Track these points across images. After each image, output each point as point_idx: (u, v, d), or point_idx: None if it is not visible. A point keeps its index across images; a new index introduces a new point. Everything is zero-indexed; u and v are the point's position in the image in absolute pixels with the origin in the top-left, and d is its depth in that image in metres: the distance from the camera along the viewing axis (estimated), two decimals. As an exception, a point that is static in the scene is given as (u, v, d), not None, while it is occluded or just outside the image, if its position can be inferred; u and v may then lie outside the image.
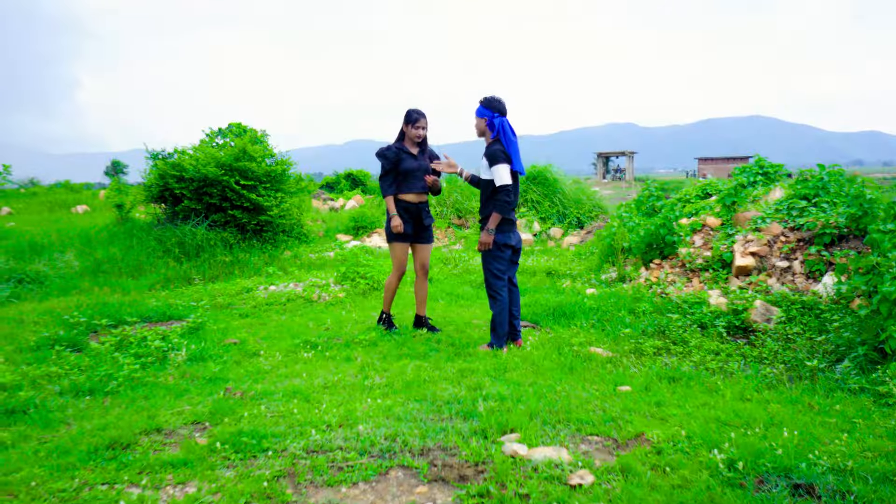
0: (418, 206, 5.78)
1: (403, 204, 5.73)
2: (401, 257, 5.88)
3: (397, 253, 5.85)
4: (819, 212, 7.50)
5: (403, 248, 5.86)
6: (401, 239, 5.78)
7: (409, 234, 5.77)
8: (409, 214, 5.75)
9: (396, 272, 5.92)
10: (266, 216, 12.56)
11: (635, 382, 4.51)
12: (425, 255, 5.97)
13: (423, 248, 5.95)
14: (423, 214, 5.81)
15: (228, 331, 6.29)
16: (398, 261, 5.88)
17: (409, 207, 5.74)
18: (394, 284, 5.98)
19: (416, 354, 5.23)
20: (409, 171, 5.67)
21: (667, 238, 8.07)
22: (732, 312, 6.33)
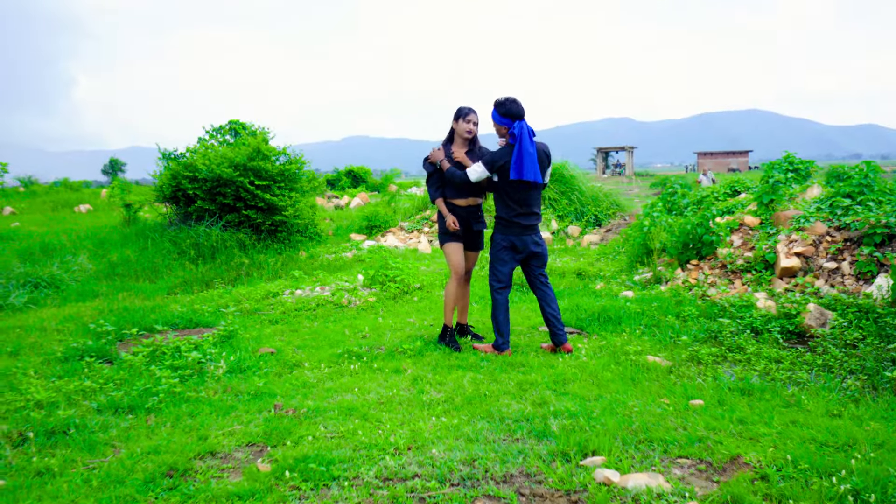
0: (467, 210, 5.48)
1: (450, 208, 5.46)
2: (456, 259, 5.49)
3: (452, 254, 5.49)
4: (865, 210, 7.26)
5: (458, 249, 5.49)
6: (451, 239, 5.46)
7: (459, 235, 5.48)
8: (459, 220, 5.45)
9: (455, 276, 5.50)
10: (281, 216, 12.33)
11: (706, 396, 4.27)
12: (471, 262, 5.71)
13: (471, 254, 5.68)
14: (472, 220, 5.52)
15: (262, 339, 6.04)
16: (455, 264, 5.50)
17: (457, 212, 5.45)
18: (454, 291, 5.51)
19: (467, 365, 4.99)
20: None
21: (704, 238, 7.83)
22: (785, 316, 6.10)
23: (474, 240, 5.62)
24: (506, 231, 5.28)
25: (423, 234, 13.97)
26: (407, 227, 14.28)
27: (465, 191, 5.40)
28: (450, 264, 5.53)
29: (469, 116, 5.34)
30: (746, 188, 10.75)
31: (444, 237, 5.49)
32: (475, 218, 5.56)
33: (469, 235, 5.58)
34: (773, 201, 8.20)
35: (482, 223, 5.62)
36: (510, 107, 5.09)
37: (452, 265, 5.50)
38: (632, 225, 11.06)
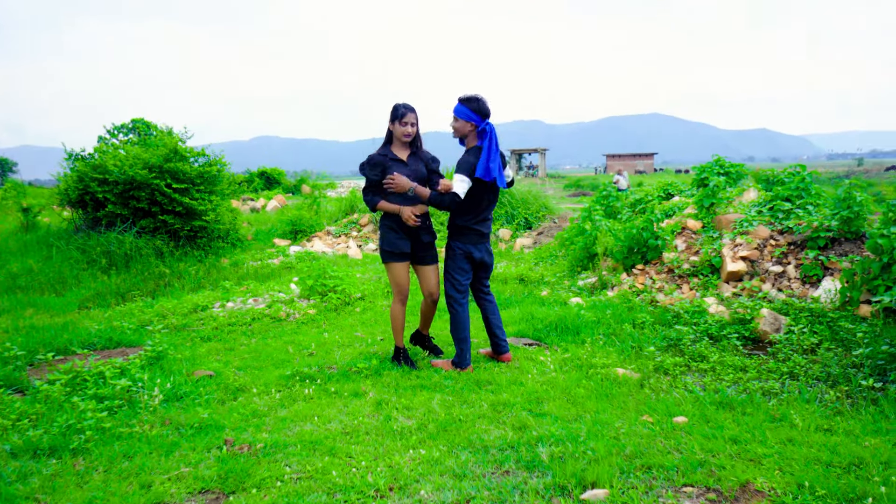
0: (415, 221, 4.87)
1: (395, 218, 4.86)
2: (401, 280, 4.96)
3: (396, 275, 4.94)
4: (806, 214, 7.38)
5: (403, 269, 4.95)
6: (397, 258, 4.89)
7: (405, 253, 4.93)
8: (404, 231, 4.89)
9: (398, 298, 5.00)
10: (200, 221, 11.57)
11: (687, 411, 4.09)
12: (432, 281, 5.08)
13: (427, 270, 5.05)
14: (421, 231, 4.96)
15: (196, 360, 5.47)
16: (398, 285, 4.96)
17: (404, 224, 4.86)
18: (399, 314, 5.05)
19: (431, 385, 4.63)
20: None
21: (650, 242, 7.77)
22: (739, 322, 6.06)
23: (426, 253, 5.04)
24: (465, 240, 4.95)
25: (351, 238, 13.47)
26: (334, 232, 13.74)
27: (411, 198, 4.86)
28: (393, 285, 5.01)
29: (407, 118, 4.80)
30: (680, 191, 10.88)
31: (386, 254, 4.94)
32: (425, 228, 5.02)
33: (419, 249, 5.01)
34: (714, 205, 8.26)
35: (433, 233, 5.11)
36: (482, 104, 4.77)
37: (396, 286, 4.98)
38: (567, 229, 10.99)
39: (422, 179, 4.91)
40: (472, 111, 4.76)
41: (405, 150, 4.93)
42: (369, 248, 12.82)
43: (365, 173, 4.89)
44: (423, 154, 5.04)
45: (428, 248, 5.06)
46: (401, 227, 4.87)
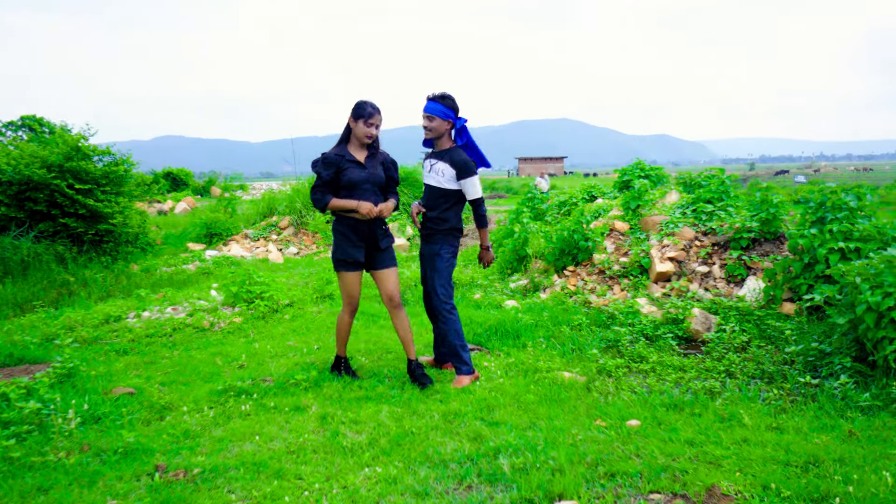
0: (371, 225, 4.55)
1: (349, 223, 4.52)
2: (352, 290, 4.63)
3: (347, 284, 4.61)
4: (728, 216, 7.61)
5: (354, 279, 4.61)
6: (349, 267, 4.56)
7: (359, 262, 4.56)
8: (359, 236, 4.53)
9: (347, 307, 4.71)
10: (107, 224, 10.85)
11: (639, 414, 4.07)
12: (390, 284, 4.66)
13: (385, 273, 4.65)
14: (378, 235, 4.58)
15: (113, 376, 5.02)
16: (348, 294, 4.65)
17: (359, 227, 4.52)
18: (345, 323, 4.76)
19: (376, 395, 4.41)
20: (354, 184, 4.47)
21: (581, 244, 7.82)
22: (672, 322, 6.16)
23: (382, 256, 4.66)
24: (455, 241, 4.85)
25: (271, 241, 12.98)
26: (252, 235, 13.20)
27: (366, 196, 4.51)
28: (343, 294, 4.69)
29: (373, 119, 4.47)
30: (602, 193, 11.07)
31: (338, 263, 4.58)
32: (381, 233, 4.63)
33: (374, 254, 4.64)
34: (640, 206, 8.40)
35: (389, 237, 4.74)
36: (455, 101, 4.64)
37: (346, 296, 4.67)
38: (494, 231, 10.97)
39: (378, 184, 4.59)
40: (449, 108, 4.61)
41: (362, 151, 4.58)
42: (290, 252, 12.38)
43: (317, 170, 4.54)
44: (381, 156, 4.69)
45: (385, 253, 4.68)
46: (356, 232, 4.51)
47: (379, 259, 4.65)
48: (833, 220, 6.20)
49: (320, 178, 4.52)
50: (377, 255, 4.64)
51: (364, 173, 4.48)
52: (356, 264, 4.56)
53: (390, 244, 4.72)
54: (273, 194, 14.68)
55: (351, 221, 4.50)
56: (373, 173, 4.53)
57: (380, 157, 4.66)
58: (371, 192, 4.52)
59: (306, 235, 13.19)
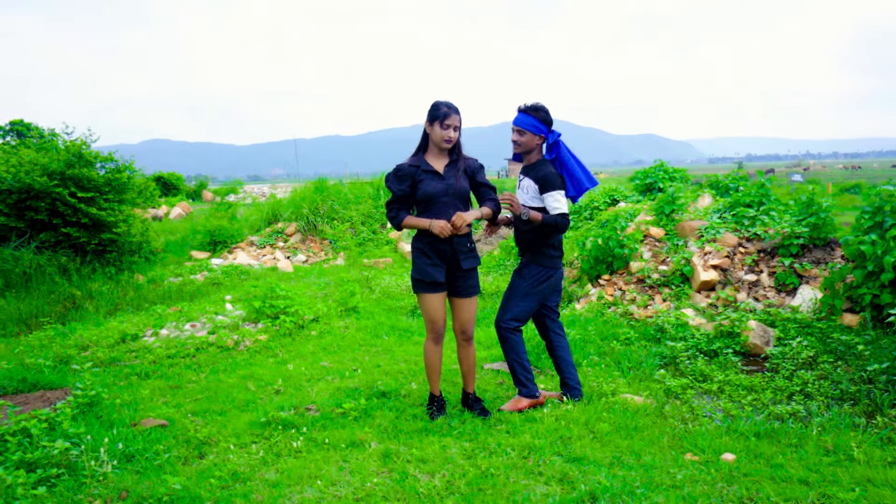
0: (453, 242, 3.99)
1: (427, 239, 4.00)
2: (434, 314, 4.05)
3: (428, 308, 4.05)
4: (771, 220, 7.27)
5: (436, 301, 4.03)
6: (429, 288, 4.01)
7: (439, 283, 4.02)
8: (439, 255, 3.99)
9: (431, 334, 4.12)
10: (110, 234, 10.38)
11: (730, 446, 3.72)
12: (467, 315, 4.15)
13: (464, 303, 4.12)
14: (459, 254, 4.02)
15: (139, 405, 4.61)
16: (431, 320, 4.07)
17: (438, 245, 3.99)
18: (433, 353, 4.15)
19: (435, 427, 4.01)
20: (430, 197, 3.95)
21: (616, 251, 7.45)
22: (727, 335, 5.81)
23: (465, 282, 4.10)
24: (549, 263, 4.32)
25: (278, 249, 12.54)
26: (258, 243, 12.76)
27: (446, 216, 3.94)
28: (425, 319, 4.12)
29: (450, 119, 3.94)
30: (624, 196, 10.72)
31: (416, 283, 4.06)
32: (465, 250, 4.04)
33: (456, 276, 4.08)
34: (674, 211, 8.05)
35: (474, 257, 4.12)
36: (549, 113, 4.21)
37: (428, 321, 4.09)
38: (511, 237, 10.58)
39: (461, 195, 4.03)
40: (541, 122, 4.18)
41: (442, 159, 4.07)
42: (298, 260, 11.95)
43: (390, 186, 4.08)
44: (465, 163, 4.11)
45: (467, 275, 4.10)
46: (434, 251, 4.00)
47: (459, 284, 4.10)
48: (894, 225, 5.86)
49: (394, 194, 4.06)
50: (458, 278, 4.09)
51: (442, 184, 3.97)
52: (436, 285, 4.02)
53: (474, 266, 4.12)
54: (277, 199, 14.23)
55: (429, 238, 4.01)
56: (452, 184, 3.98)
57: (462, 163, 4.09)
58: (451, 206, 3.97)
59: (314, 242, 12.77)
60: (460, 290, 4.10)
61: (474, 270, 4.12)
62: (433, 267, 4.01)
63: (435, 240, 3.98)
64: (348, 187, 14.17)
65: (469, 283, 4.10)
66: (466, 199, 4.06)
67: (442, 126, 3.95)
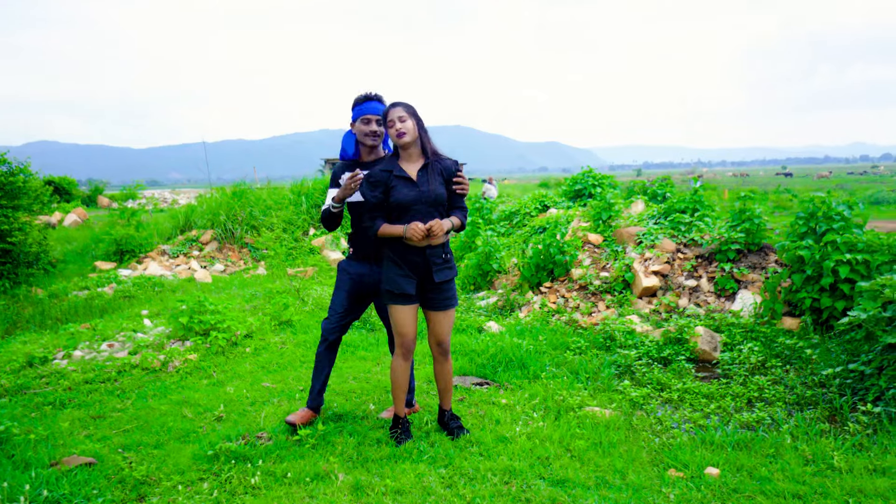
0: (425, 253, 3.69)
1: (397, 249, 3.70)
2: (403, 327, 3.75)
3: (397, 320, 3.75)
4: (707, 227, 7.39)
5: (406, 314, 3.74)
6: (401, 300, 3.71)
7: (411, 295, 3.72)
8: (410, 266, 3.70)
9: (400, 350, 3.81)
10: (4, 243, 9.41)
11: (709, 459, 3.62)
12: (441, 328, 3.86)
13: (438, 316, 3.83)
14: (432, 265, 3.72)
15: (58, 440, 4.05)
16: (400, 333, 3.78)
17: (408, 254, 3.69)
18: (401, 371, 3.84)
19: (405, 453, 3.70)
20: (402, 206, 3.64)
21: (557, 258, 7.37)
22: (676, 342, 5.80)
23: (439, 295, 3.79)
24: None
25: (193, 258, 11.79)
26: (171, 252, 11.96)
27: (418, 220, 3.64)
28: (395, 333, 3.81)
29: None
30: (554, 203, 10.71)
31: (386, 294, 3.76)
32: (438, 262, 3.72)
33: (429, 288, 3.78)
34: (611, 217, 8.07)
35: (449, 268, 3.79)
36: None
37: (397, 334, 3.80)
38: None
39: (436, 202, 3.68)
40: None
41: (416, 163, 3.73)
42: (216, 270, 11.27)
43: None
44: (441, 164, 3.77)
45: (442, 287, 3.79)
46: (405, 262, 3.70)
47: (433, 297, 3.79)
48: (829, 230, 6.04)
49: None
50: (431, 290, 3.78)
51: (414, 192, 3.64)
52: (406, 297, 3.73)
53: (449, 278, 3.80)
54: (190, 205, 13.40)
55: (399, 247, 3.70)
56: (426, 190, 3.65)
57: (437, 166, 3.75)
58: (425, 214, 3.64)
59: (232, 251, 12.10)
60: (434, 303, 3.81)
61: (450, 283, 3.83)
62: (403, 278, 3.71)
63: (407, 249, 3.68)
64: (267, 193, 13.54)
65: (444, 296, 3.80)
66: (442, 205, 3.73)
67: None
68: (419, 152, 3.74)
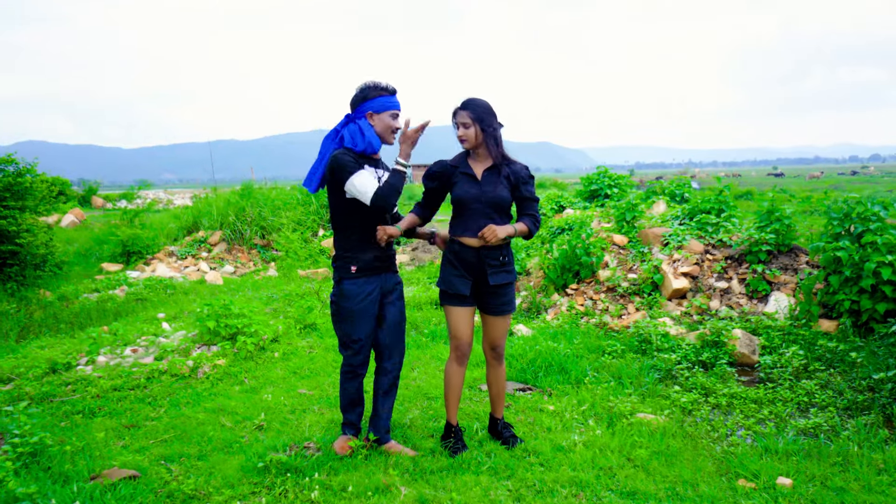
0: (480, 253, 3.55)
1: (454, 247, 3.60)
2: (458, 329, 3.62)
3: (451, 322, 3.63)
4: (734, 227, 7.28)
5: (461, 316, 3.61)
6: (455, 301, 3.60)
7: (465, 296, 3.59)
8: (465, 266, 3.57)
9: (454, 353, 3.69)
10: (11, 245, 9.21)
11: (778, 468, 3.50)
12: (496, 332, 3.73)
13: (494, 321, 3.70)
14: (487, 268, 3.55)
15: (95, 451, 3.89)
16: (454, 336, 3.65)
17: (465, 256, 3.56)
18: (455, 376, 3.72)
19: (463, 464, 3.57)
20: (461, 203, 3.55)
21: (583, 259, 7.24)
22: (713, 345, 5.68)
23: (495, 300, 3.64)
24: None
25: (201, 260, 11.61)
26: (178, 253, 11.77)
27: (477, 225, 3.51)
28: (449, 335, 3.70)
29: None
30: (570, 203, 10.60)
31: (442, 295, 3.67)
32: (495, 264, 3.57)
33: (485, 291, 3.63)
34: (635, 218, 7.95)
35: (506, 272, 3.62)
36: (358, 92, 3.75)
37: (452, 337, 3.67)
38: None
39: (497, 204, 3.54)
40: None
41: (484, 162, 3.61)
42: (226, 272, 11.09)
43: (423, 180, 3.72)
44: (510, 168, 3.62)
45: (499, 292, 3.62)
46: (460, 260, 3.57)
47: (488, 301, 3.65)
48: (866, 231, 5.94)
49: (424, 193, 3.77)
50: (487, 294, 3.63)
51: (475, 190, 3.54)
52: (460, 298, 3.60)
53: (505, 282, 3.62)
54: (197, 205, 13.20)
55: (456, 246, 3.60)
56: (487, 190, 3.53)
57: (505, 170, 3.60)
58: (482, 215, 3.52)
59: (241, 252, 11.92)
60: (490, 307, 3.68)
61: (507, 287, 3.68)
62: (458, 278, 3.59)
63: (462, 248, 3.58)
64: (275, 193, 13.37)
65: (500, 301, 3.66)
66: (503, 209, 3.60)
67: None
68: (488, 153, 3.62)
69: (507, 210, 3.64)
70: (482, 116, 3.55)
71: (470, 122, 3.54)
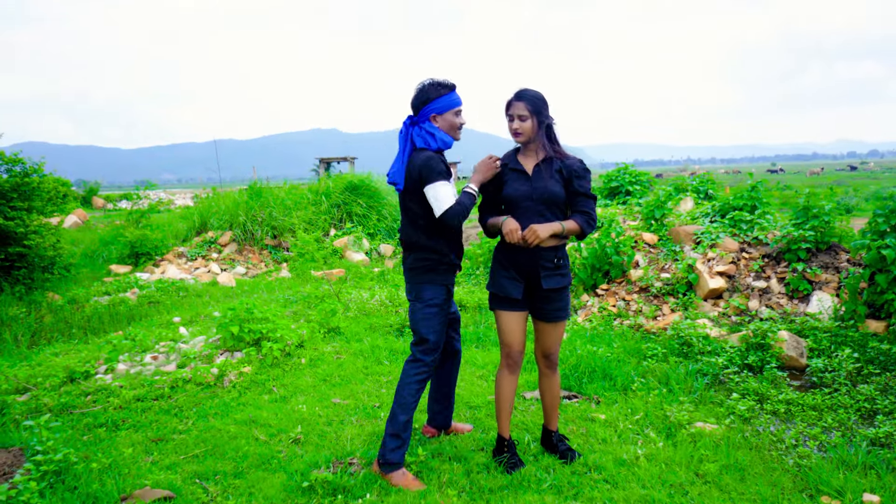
0: (532, 256, 3.34)
1: (506, 249, 3.39)
2: (508, 335, 3.41)
3: (502, 328, 3.42)
4: (769, 225, 7.04)
5: (512, 321, 3.39)
6: (506, 305, 3.39)
7: (517, 300, 3.38)
8: (517, 268, 3.36)
9: (505, 361, 3.48)
10: (19, 247, 8.96)
11: (861, 484, 3.26)
12: (550, 339, 3.49)
13: (547, 327, 3.46)
14: (540, 270, 3.33)
15: (123, 468, 3.64)
16: (504, 342, 3.44)
17: (517, 256, 3.35)
18: (506, 384, 3.48)
19: (522, 481, 3.33)
20: (511, 201, 3.34)
21: (614, 259, 7.00)
22: (758, 348, 5.44)
23: (548, 305, 3.40)
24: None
25: (212, 261, 11.35)
26: (188, 254, 11.52)
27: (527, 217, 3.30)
28: (500, 342, 3.50)
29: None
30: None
31: (492, 298, 3.48)
32: (549, 266, 3.33)
33: (538, 296, 3.40)
34: (664, 216, 7.71)
35: (562, 275, 3.38)
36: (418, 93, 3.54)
37: (502, 343, 3.47)
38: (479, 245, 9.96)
39: (549, 201, 3.30)
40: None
41: (536, 157, 3.40)
42: (238, 273, 10.83)
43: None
44: (563, 163, 3.37)
45: (553, 297, 3.39)
46: (512, 263, 3.36)
47: (541, 306, 3.42)
48: (915, 228, 5.70)
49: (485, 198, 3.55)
50: (539, 298, 3.40)
51: (526, 187, 3.32)
52: (511, 302, 3.39)
53: (560, 286, 3.37)
54: (206, 205, 12.93)
55: (508, 247, 3.36)
56: (538, 186, 3.30)
57: (556, 163, 3.36)
58: (534, 213, 3.29)
59: (252, 253, 11.66)
60: (543, 313, 3.44)
61: (562, 291, 3.42)
62: (509, 280, 3.37)
63: (514, 250, 3.34)
64: (285, 192, 13.10)
65: (554, 307, 3.41)
66: (557, 205, 3.34)
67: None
68: (540, 147, 3.38)
69: (561, 207, 3.38)
70: (540, 108, 3.32)
71: (527, 114, 3.30)
